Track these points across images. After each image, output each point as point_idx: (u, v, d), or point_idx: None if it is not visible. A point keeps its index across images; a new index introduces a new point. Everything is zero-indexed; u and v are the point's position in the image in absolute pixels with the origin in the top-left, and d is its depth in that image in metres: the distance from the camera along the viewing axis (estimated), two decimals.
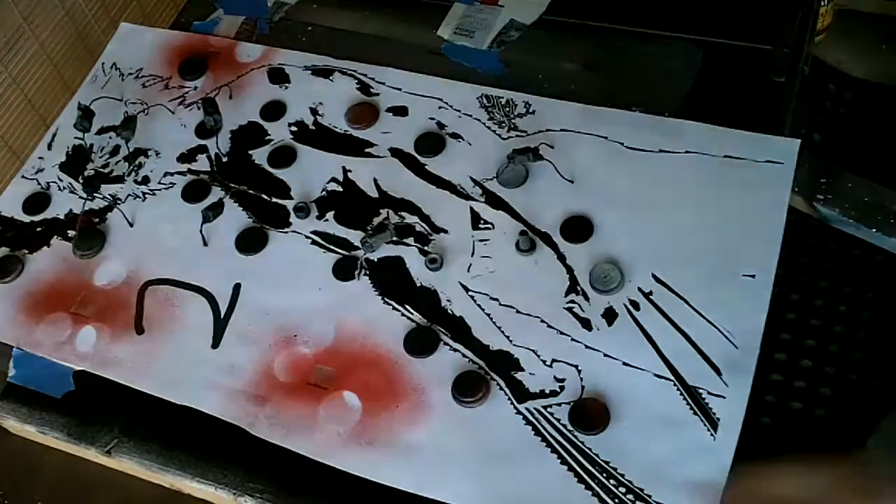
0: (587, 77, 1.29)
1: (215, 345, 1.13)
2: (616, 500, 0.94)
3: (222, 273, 1.18)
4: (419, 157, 1.24)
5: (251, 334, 1.13)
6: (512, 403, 1.02)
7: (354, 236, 1.18)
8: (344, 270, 1.15)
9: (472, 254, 1.14)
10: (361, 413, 1.05)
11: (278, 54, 1.39)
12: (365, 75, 1.34)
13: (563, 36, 1.35)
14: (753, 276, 1.05)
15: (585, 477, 0.96)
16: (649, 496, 0.94)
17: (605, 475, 0.96)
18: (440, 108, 1.28)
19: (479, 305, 1.10)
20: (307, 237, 1.19)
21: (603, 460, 0.97)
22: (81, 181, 1.30)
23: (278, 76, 1.37)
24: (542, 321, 1.07)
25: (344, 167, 1.25)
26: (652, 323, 1.04)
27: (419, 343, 1.07)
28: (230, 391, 1.09)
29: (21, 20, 1.37)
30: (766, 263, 1.06)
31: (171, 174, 1.29)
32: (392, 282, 1.13)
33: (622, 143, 1.19)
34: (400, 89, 1.31)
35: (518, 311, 1.08)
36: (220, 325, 1.14)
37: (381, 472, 1.00)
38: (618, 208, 1.14)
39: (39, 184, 1.32)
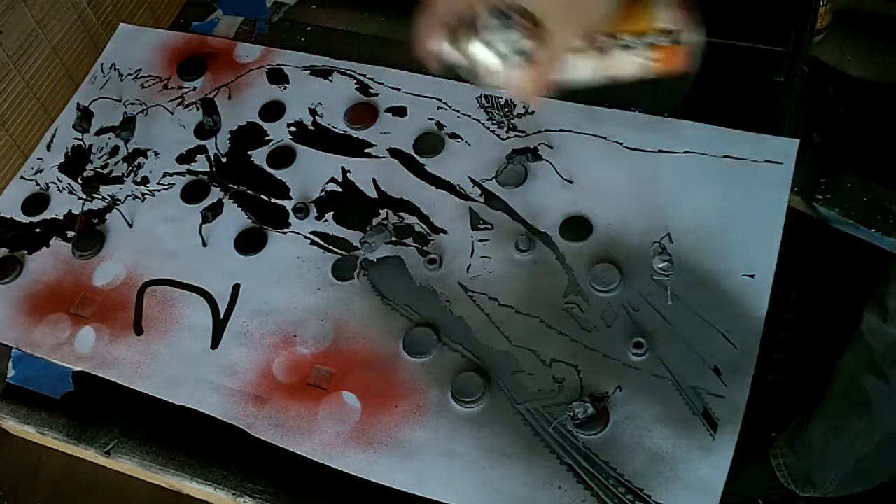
0: None
1: (214, 345, 1.13)
2: (615, 500, 0.94)
3: (221, 273, 1.18)
4: (418, 158, 1.24)
5: (250, 335, 1.13)
6: (511, 403, 1.02)
7: (353, 237, 1.18)
8: (343, 271, 1.15)
9: (472, 254, 1.14)
10: (361, 413, 1.05)
11: (277, 55, 1.39)
12: (364, 75, 1.34)
13: None
14: (753, 276, 1.05)
15: (585, 477, 0.96)
16: (648, 496, 0.94)
17: (604, 475, 0.96)
18: (439, 108, 1.28)
19: (478, 306, 1.10)
20: (306, 237, 1.19)
21: (602, 460, 0.97)
22: (80, 182, 1.30)
23: (277, 77, 1.37)
24: (542, 321, 1.07)
25: (343, 167, 1.25)
26: (651, 323, 1.04)
27: (418, 343, 1.07)
28: (229, 392, 1.09)
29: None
30: (766, 263, 1.06)
31: (170, 175, 1.29)
32: (391, 282, 1.13)
33: (621, 143, 1.19)
34: (399, 89, 1.31)
35: (517, 312, 1.08)
36: (219, 326, 1.14)
37: (381, 473, 1.00)
38: (617, 208, 1.14)
39: (38, 184, 1.32)
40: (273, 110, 1.33)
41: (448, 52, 0.76)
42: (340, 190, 1.23)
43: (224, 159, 1.29)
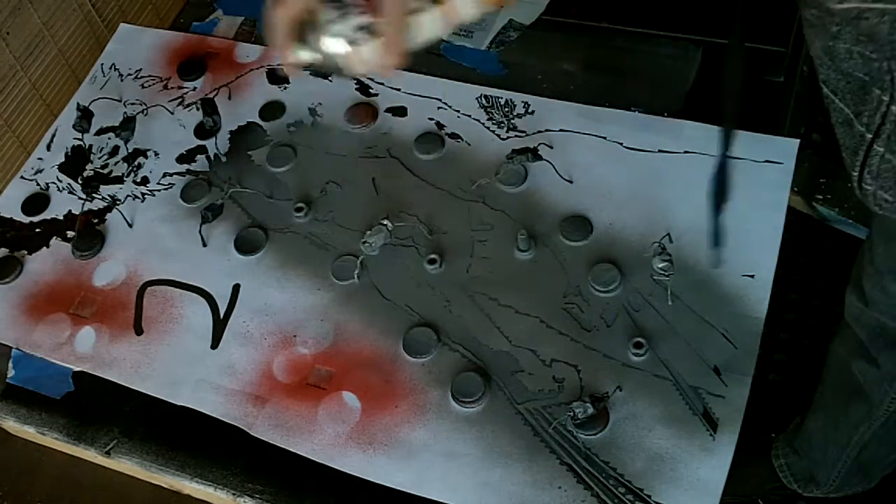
0: (586, 77, 1.29)
1: (214, 345, 1.13)
2: (615, 500, 0.94)
3: (221, 273, 1.18)
4: (418, 157, 1.24)
5: (250, 335, 1.13)
6: (511, 404, 1.02)
7: (353, 236, 1.17)
8: (343, 271, 1.15)
9: (472, 254, 1.14)
10: (361, 413, 1.05)
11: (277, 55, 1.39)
12: (364, 75, 1.34)
13: (562, 36, 1.34)
14: (753, 276, 1.05)
15: (585, 477, 0.96)
16: (648, 496, 0.94)
17: (604, 475, 0.96)
18: (439, 108, 1.27)
19: (478, 306, 1.10)
20: (306, 237, 1.19)
21: (602, 460, 0.97)
22: (80, 182, 1.30)
23: (277, 77, 1.37)
24: (542, 321, 1.07)
25: (344, 167, 1.25)
26: (651, 323, 1.04)
27: (418, 343, 1.07)
28: (229, 392, 1.09)
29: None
30: (766, 263, 1.06)
31: (170, 175, 1.29)
32: (391, 282, 1.13)
33: (621, 144, 1.19)
34: (399, 90, 1.31)
35: (517, 312, 1.08)
36: (219, 326, 1.14)
37: (381, 473, 1.00)
38: (617, 208, 1.14)
39: (38, 184, 1.32)
40: (273, 110, 1.33)
41: (302, 55, 0.79)
42: (340, 189, 1.23)
43: (224, 159, 1.29)
